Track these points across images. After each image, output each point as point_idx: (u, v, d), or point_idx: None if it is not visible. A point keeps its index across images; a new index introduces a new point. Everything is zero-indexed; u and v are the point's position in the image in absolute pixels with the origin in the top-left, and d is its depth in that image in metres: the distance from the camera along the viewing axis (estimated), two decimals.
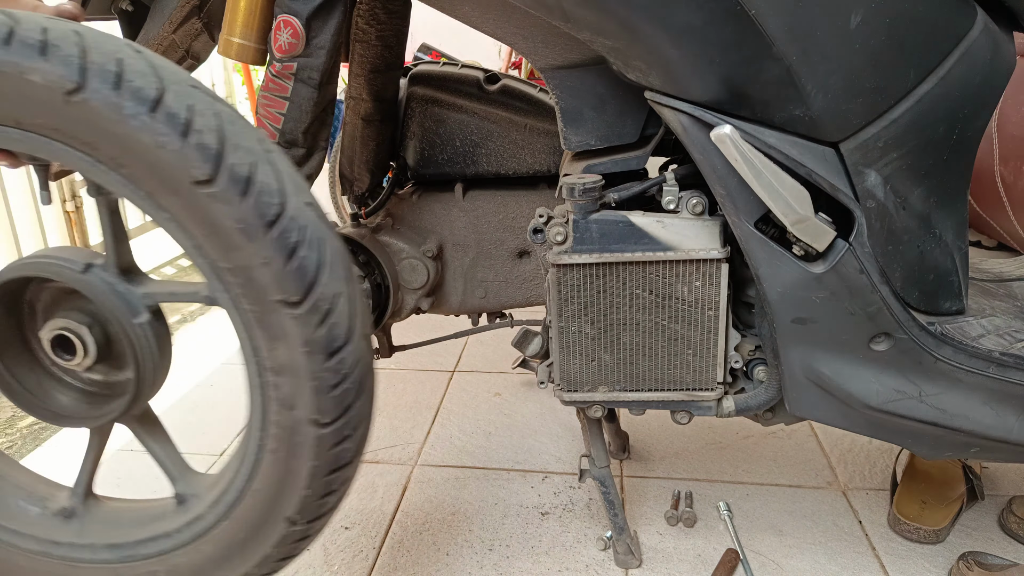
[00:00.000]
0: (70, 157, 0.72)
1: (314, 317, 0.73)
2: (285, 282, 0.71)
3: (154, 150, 0.68)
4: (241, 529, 0.83)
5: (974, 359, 0.89)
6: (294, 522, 0.82)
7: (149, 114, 0.67)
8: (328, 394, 0.76)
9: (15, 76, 0.67)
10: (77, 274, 0.79)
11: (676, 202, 0.93)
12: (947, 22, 0.80)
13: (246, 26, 0.96)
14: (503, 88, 1.25)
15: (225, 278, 0.73)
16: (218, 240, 0.71)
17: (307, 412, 0.77)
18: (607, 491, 1.14)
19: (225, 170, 0.69)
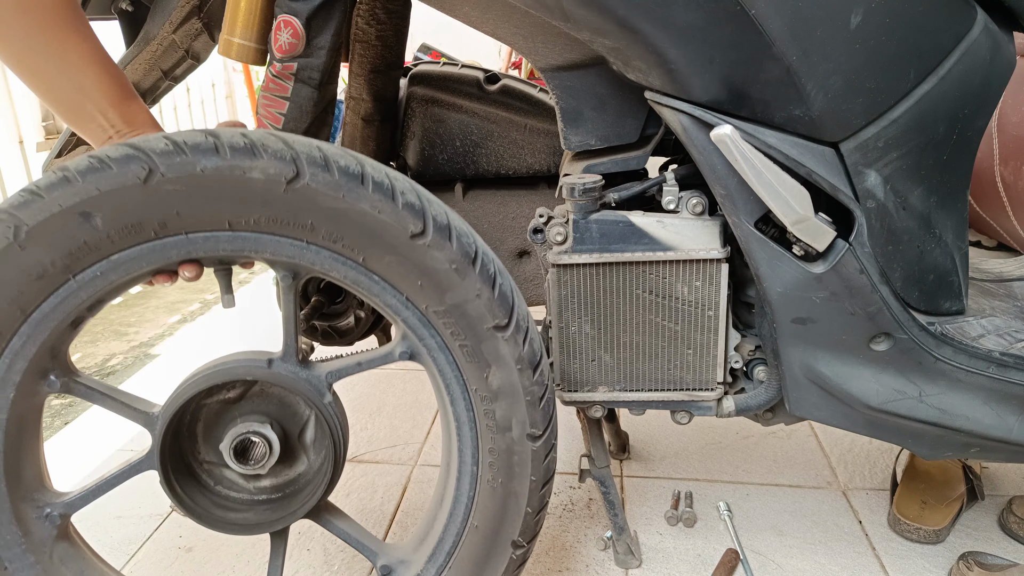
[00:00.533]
0: (279, 247, 0.76)
1: (519, 336, 0.80)
2: (495, 308, 0.79)
3: (373, 216, 0.75)
4: (469, 568, 0.87)
5: (974, 359, 0.89)
6: (519, 545, 0.87)
7: (362, 186, 0.74)
8: (538, 407, 0.82)
9: (236, 178, 0.72)
10: (266, 370, 0.82)
11: (676, 202, 0.93)
12: (947, 22, 0.80)
13: (246, 26, 0.96)
14: (503, 88, 1.25)
15: (436, 322, 0.80)
16: (434, 285, 0.78)
17: (523, 429, 0.82)
18: (607, 491, 1.14)
19: (431, 220, 0.76)
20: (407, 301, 0.79)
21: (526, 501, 0.85)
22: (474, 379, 0.81)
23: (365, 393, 1.76)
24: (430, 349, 0.81)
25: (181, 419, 0.85)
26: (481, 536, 0.86)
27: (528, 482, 0.84)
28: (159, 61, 1.15)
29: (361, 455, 1.49)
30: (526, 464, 0.84)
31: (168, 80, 1.21)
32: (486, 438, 0.83)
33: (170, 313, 2.45)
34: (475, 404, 0.82)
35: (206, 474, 0.88)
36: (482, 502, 0.85)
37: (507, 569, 0.87)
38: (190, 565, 1.19)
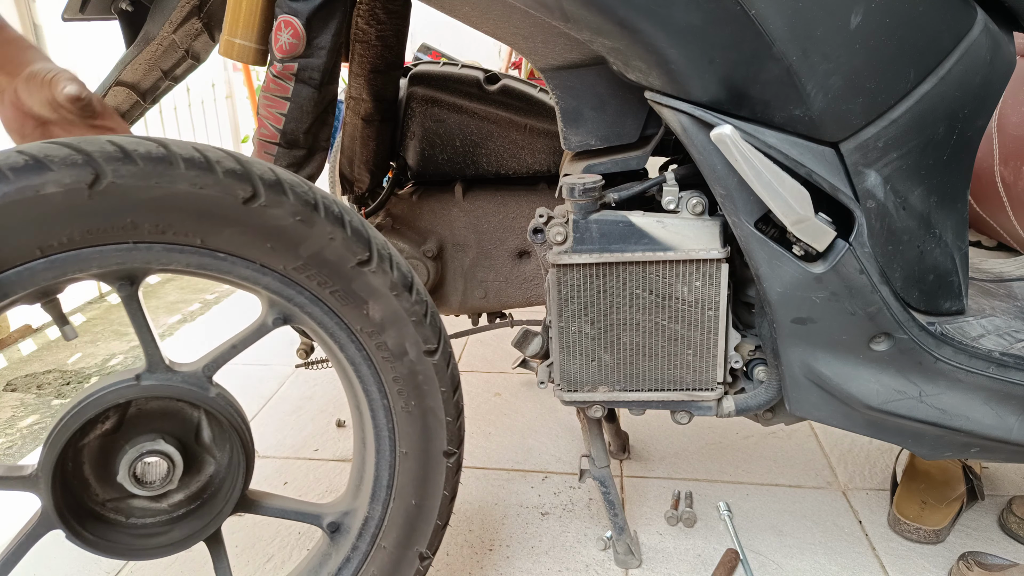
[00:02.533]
0: (104, 257, 0.73)
1: (384, 264, 0.80)
2: (353, 246, 0.79)
3: (196, 193, 0.72)
4: (411, 491, 0.89)
5: (974, 359, 0.89)
6: (451, 453, 0.89)
7: (173, 167, 0.71)
8: (425, 324, 0.83)
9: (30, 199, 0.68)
10: (137, 386, 0.79)
11: (676, 202, 0.93)
12: (947, 22, 0.80)
13: (247, 27, 0.96)
14: (503, 88, 1.25)
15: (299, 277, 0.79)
16: (284, 243, 0.77)
17: (418, 348, 0.84)
18: (607, 491, 1.14)
19: (258, 181, 0.74)
20: (262, 267, 0.77)
21: (443, 412, 0.87)
22: (356, 319, 0.81)
23: None
24: (302, 306, 0.80)
25: (64, 469, 0.80)
26: (413, 459, 0.88)
27: (440, 395, 0.86)
28: (159, 61, 1.15)
29: None
30: (432, 379, 0.85)
31: (168, 80, 1.21)
32: (386, 369, 0.84)
33: (170, 313, 2.45)
34: (364, 341, 0.83)
35: (114, 512, 0.84)
36: (403, 428, 0.86)
37: (447, 479, 0.90)
38: (189, 565, 1.19)
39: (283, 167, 1.01)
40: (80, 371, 1.94)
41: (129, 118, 1.23)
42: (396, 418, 0.86)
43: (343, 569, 0.90)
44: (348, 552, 0.90)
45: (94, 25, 2.73)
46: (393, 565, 0.91)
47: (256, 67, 1.88)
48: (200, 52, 1.21)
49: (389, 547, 0.90)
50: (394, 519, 0.90)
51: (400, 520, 0.90)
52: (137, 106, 1.22)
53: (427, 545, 0.92)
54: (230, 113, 3.62)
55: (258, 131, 1.00)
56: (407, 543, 0.91)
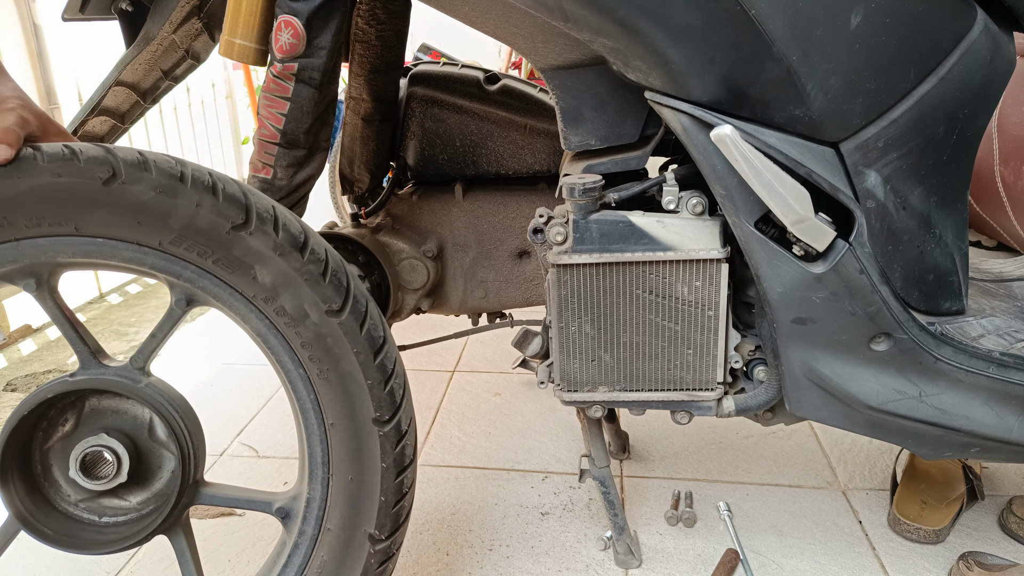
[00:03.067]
0: None
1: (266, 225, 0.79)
2: (224, 211, 0.77)
3: (55, 182, 0.74)
4: (347, 466, 0.85)
5: (974, 359, 0.89)
6: (382, 421, 0.84)
7: (32, 162, 0.74)
8: (324, 282, 0.80)
9: None
10: (68, 381, 0.81)
11: (676, 202, 0.93)
12: (947, 22, 0.80)
13: (247, 27, 0.96)
14: (503, 88, 1.25)
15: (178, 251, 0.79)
16: (152, 218, 0.77)
17: (319, 309, 0.80)
18: (607, 491, 1.14)
19: (118, 162, 0.75)
20: (140, 247, 0.78)
21: (363, 376, 0.82)
22: (246, 285, 0.80)
23: None
24: (193, 281, 0.79)
25: (32, 472, 0.84)
26: (341, 429, 0.84)
27: (355, 357, 0.82)
28: (159, 61, 1.15)
29: None
30: (342, 342, 0.81)
31: (168, 80, 1.21)
32: (291, 335, 0.81)
33: None
34: (262, 308, 0.81)
35: (88, 512, 0.86)
36: (324, 397, 0.83)
37: (383, 449, 0.85)
38: None
39: (283, 167, 1.01)
40: None
41: (129, 118, 1.23)
42: (315, 387, 0.83)
43: (293, 555, 0.88)
44: (296, 537, 0.88)
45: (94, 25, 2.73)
46: (342, 548, 0.87)
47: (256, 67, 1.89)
48: (200, 52, 1.21)
49: (335, 529, 0.87)
50: (335, 498, 0.86)
51: (341, 499, 0.86)
52: (137, 106, 1.22)
53: (375, 525, 0.87)
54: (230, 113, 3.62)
55: (258, 131, 1.00)
56: (352, 523, 0.87)
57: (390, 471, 0.86)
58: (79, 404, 0.84)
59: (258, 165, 1.02)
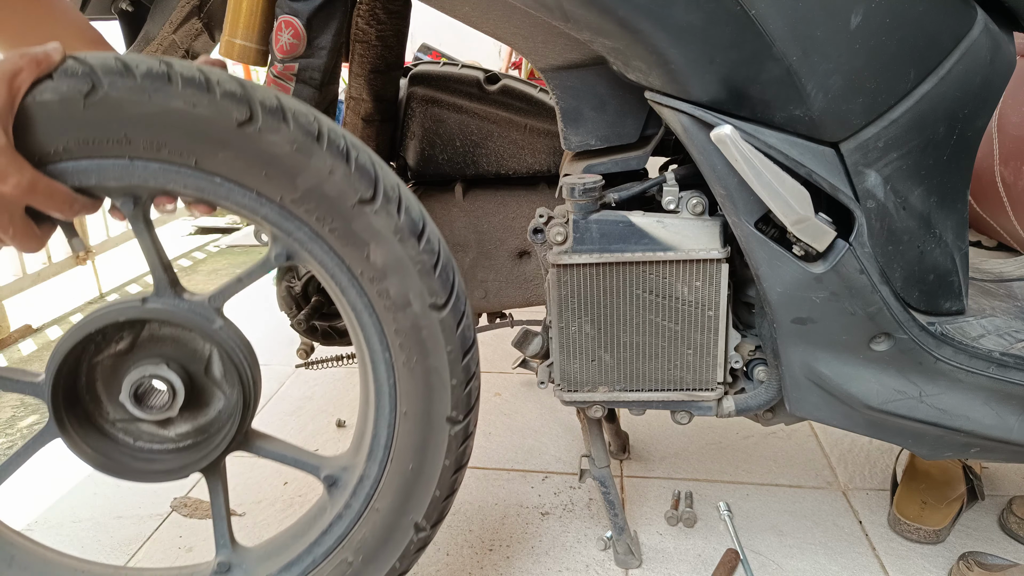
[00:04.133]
0: (102, 171, 0.73)
1: (391, 206, 0.76)
2: (355, 183, 0.75)
3: (191, 112, 0.71)
4: (410, 454, 0.84)
5: (974, 359, 0.89)
6: (455, 420, 0.84)
7: (170, 84, 0.70)
8: (434, 275, 0.78)
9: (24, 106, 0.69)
10: (140, 307, 0.79)
11: (676, 202, 0.93)
12: (947, 22, 0.80)
13: (247, 27, 0.96)
14: (503, 88, 1.25)
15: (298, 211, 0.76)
16: (280, 172, 0.74)
17: (423, 301, 0.78)
18: (607, 491, 1.14)
19: (257, 105, 0.72)
20: (259, 196, 0.75)
21: (449, 374, 0.81)
22: (356, 261, 0.77)
23: None
24: (302, 242, 0.77)
25: (76, 383, 0.82)
26: (413, 420, 0.83)
27: (445, 354, 0.81)
28: None
29: None
30: (437, 337, 0.80)
31: None
32: (387, 319, 0.79)
33: None
34: (365, 287, 0.78)
35: (123, 433, 0.84)
36: (404, 386, 0.82)
37: (449, 449, 0.85)
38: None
39: None
40: None
41: None
42: (397, 374, 0.82)
43: (334, 525, 0.87)
44: (341, 509, 0.87)
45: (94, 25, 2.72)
46: (386, 530, 0.87)
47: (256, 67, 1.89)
48: (200, 52, 1.21)
49: (383, 511, 0.86)
50: (389, 482, 0.85)
51: (396, 484, 0.85)
52: None
53: (423, 515, 0.87)
54: None
55: None
56: (402, 510, 0.86)
57: (450, 468, 0.85)
58: (139, 326, 0.82)
59: None
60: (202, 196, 0.75)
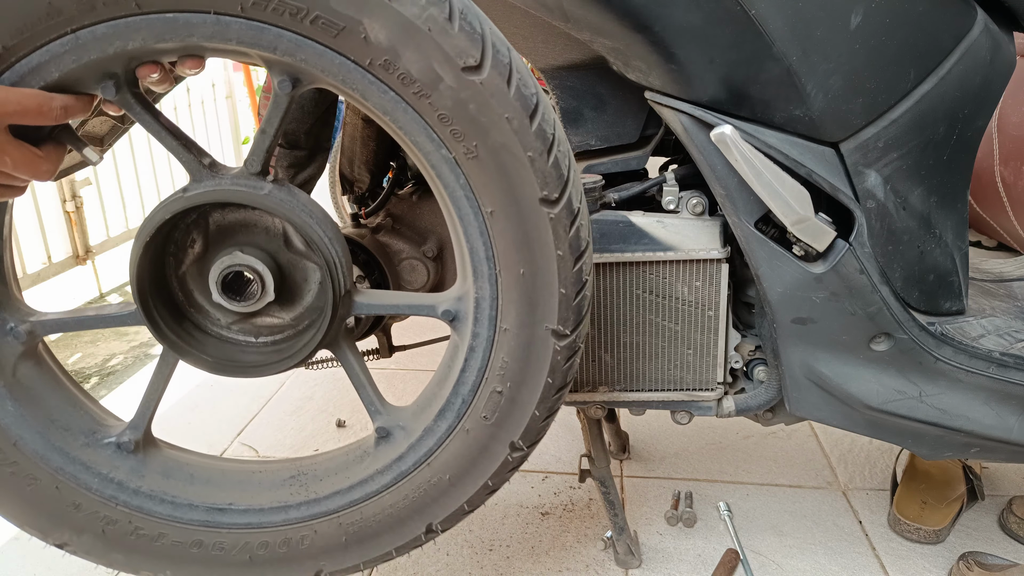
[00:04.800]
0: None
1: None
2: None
3: None
4: (514, 257, 0.74)
5: (974, 359, 0.89)
6: (549, 200, 0.71)
7: None
8: (448, 32, 0.65)
9: None
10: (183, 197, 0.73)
11: (676, 202, 0.93)
12: (947, 22, 0.80)
13: None
14: None
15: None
16: None
17: (453, 66, 0.66)
18: (607, 491, 1.14)
19: None
20: (219, 16, 0.66)
21: (520, 148, 0.69)
22: (357, 49, 0.66)
23: None
24: (292, 53, 0.67)
25: (175, 299, 0.80)
26: (504, 218, 0.72)
27: (507, 124, 0.68)
28: None
29: None
30: (488, 106, 0.68)
31: None
32: (424, 107, 0.69)
33: None
34: (384, 78, 0.67)
35: (243, 334, 0.81)
36: (476, 180, 0.71)
37: (556, 234, 0.72)
38: None
39: (285, 167, 1.01)
40: (80, 371, 1.94)
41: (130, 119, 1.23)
42: (464, 169, 0.70)
43: (469, 359, 0.79)
44: (470, 340, 0.79)
45: None
46: (523, 348, 0.77)
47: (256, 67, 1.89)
48: None
49: (513, 328, 0.76)
50: (508, 295, 0.75)
51: (515, 295, 0.75)
52: None
53: (558, 320, 0.76)
54: (230, 113, 3.62)
55: None
56: (532, 320, 0.75)
57: (567, 259, 0.73)
58: (202, 222, 0.76)
59: None
60: (167, 44, 0.66)
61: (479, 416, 0.80)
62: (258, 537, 0.85)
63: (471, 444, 0.81)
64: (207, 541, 0.86)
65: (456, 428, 0.81)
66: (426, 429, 0.82)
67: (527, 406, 0.80)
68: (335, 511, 0.84)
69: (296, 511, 0.85)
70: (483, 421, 0.80)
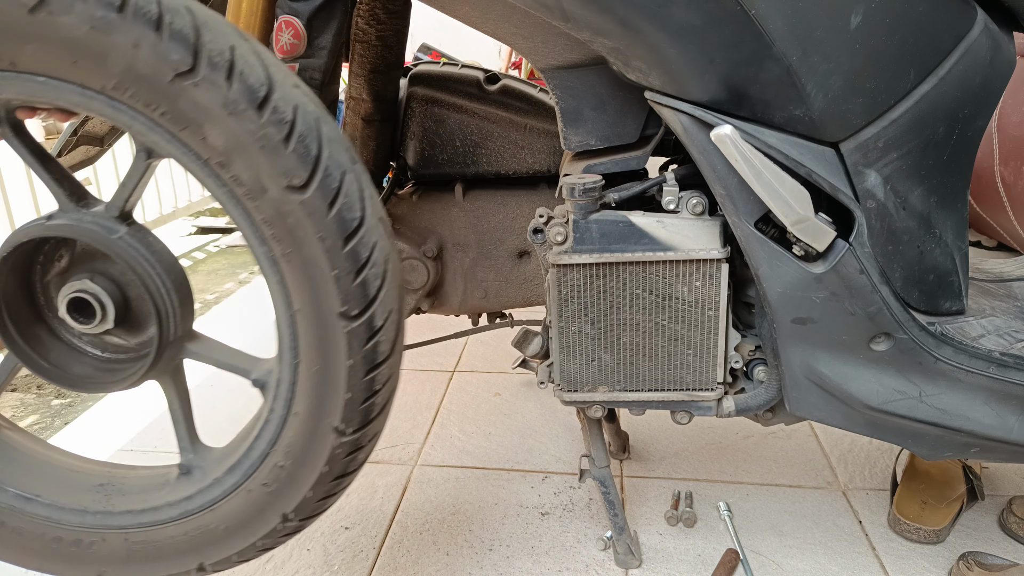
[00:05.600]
0: None
1: (216, 74, 0.68)
2: (169, 52, 0.67)
3: None
4: (313, 354, 0.79)
5: (974, 359, 0.89)
6: (348, 315, 0.76)
7: None
8: (284, 151, 0.69)
9: None
10: (43, 225, 0.77)
11: (676, 202, 0.93)
12: (947, 22, 0.80)
13: (247, 27, 0.96)
14: (503, 88, 1.25)
15: (123, 97, 0.70)
16: (88, 57, 0.68)
17: (279, 183, 0.70)
18: (607, 491, 1.14)
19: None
20: (84, 89, 0.70)
21: (328, 264, 0.73)
22: (198, 146, 0.70)
23: None
24: (144, 134, 0.71)
25: (36, 303, 0.84)
26: (307, 318, 0.77)
27: (319, 243, 0.72)
28: None
29: None
30: (304, 223, 0.71)
31: None
32: (251, 208, 0.72)
33: None
34: (220, 173, 0.71)
35: (91, 346, 0.85)
36: (289, 280, 0.76)
37: (350, 345, 0.77)
38: None
39: None
40: None
41: None
42: (280, 268, 0.75)
43: (265, 429, 0.84)
44: (268, 413, 0.84)
45: None
46: (308, 434, 0.82)
47: None
48: None
49: (302, 414, 0.81)
50: (302, 385, 0.80)
51: (307, 387, 0.80)
52: None
53: (341, 419, 0.80)
54: None
55: None
56: (318, 413, 0.80)
57: (358, 369, 0.78)
58: (71, 242, 0.80)
59: None
60: (34, 98, 0.71)
61: (261, 482, 0.85)
62: (54, 531, 0.90)
63: (249, 505, 0.86)
64: (8, 523, 0.90)
65: (240, 487, 0.85)
66: (216, 479, 0.87)
67: (303, 486, 0.84)
68: (124, 527, 0.89)
69: (92, 518, 0.90)
70: (263, 487, 0.85)
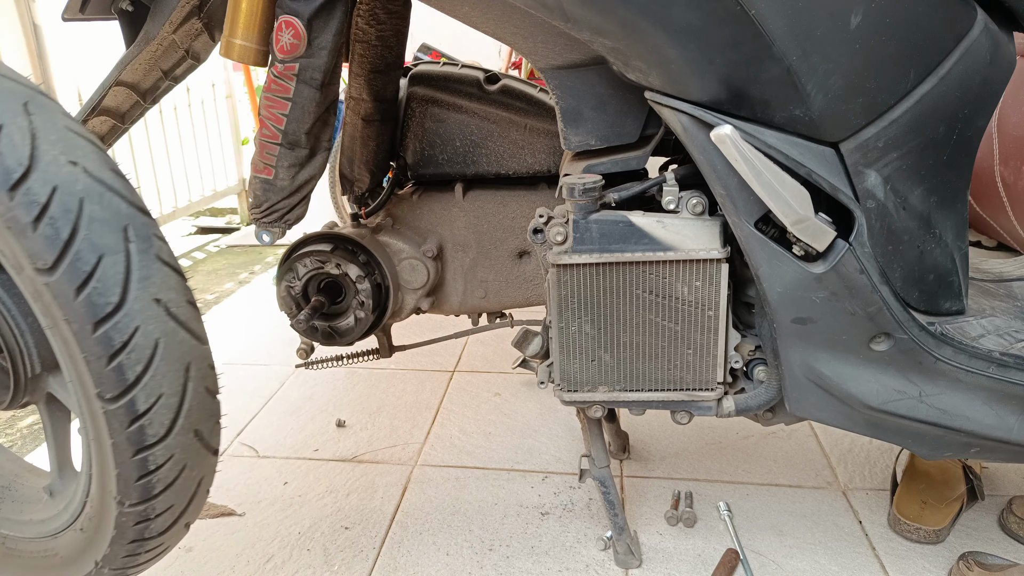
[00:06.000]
0: None
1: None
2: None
3: None
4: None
5: (974, 359, 0.89)
6: (103, 397, 0.75)
7: None
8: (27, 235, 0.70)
9: None
10: None
11: (676, 202, 0.93)
12: (947, 22, 0.80)
13: (247, 27, 0.96)
14: (503, 88, 1.25)
15: None
16: None
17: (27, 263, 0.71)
18: (607, 491, 1.14)
19: None
20: None
21: (78, 349, 0.72)
22: None
23: (365, 393, 1.76)
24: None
25: None
26: (76, 389, 0.77)
27: (67, 326, 0.72)
28: (159, 61, 1.15)
29: (361, 455, 1.49)
30: (53, 306, 0.71)
31: (168, 80, 1.21)
32: (16, 281, 0.74)
33: None
34: None
35: None
36: (59, 355, 0.77)
37: (111, 427, 0.76)
38: (190, 565, 1.19)
39: (285, 167, 1.01)
40: None
41: (129, 118, 1.23)
42: (51, 340, 0.76)
43: (82, 472, 0.88)
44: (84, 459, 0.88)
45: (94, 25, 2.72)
46: (98, 496, 0.85)
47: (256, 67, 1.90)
48: (200, 52, 1.21)
49: (94, 475, 0.85)
50: (87, 445, 0.84)
51: (90, 449, 0.83)
52: (137, 106, 1.22)
53: (117, 492, 0.81)
54: (230, 113, 3.62)
55: (259, 132, 1.00)
56: (101, 487, 0.84)
57: (123, 449, 0.77)
58: None
59: (259, 166, 1.02)
60: None
61: (79, 527, 0.89)
62: None
63: (76, 544, 0.90)
64: None
65: (70, 526, 0.90)
66: (66, 506, 0.91)
67: (103, 544, 0.87)
68: (3, 534, 0.95)
69: None
70: (81, 532, 0.89)
